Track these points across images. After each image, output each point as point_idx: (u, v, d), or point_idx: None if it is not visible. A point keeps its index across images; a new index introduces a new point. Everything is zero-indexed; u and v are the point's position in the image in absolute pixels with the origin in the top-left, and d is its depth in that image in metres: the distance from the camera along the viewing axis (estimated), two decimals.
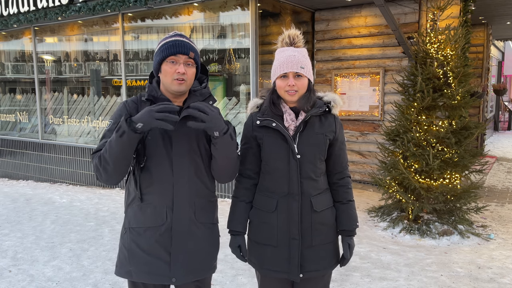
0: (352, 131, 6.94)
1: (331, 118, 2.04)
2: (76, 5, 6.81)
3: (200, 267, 2.00)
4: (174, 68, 1.89)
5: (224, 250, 2.17)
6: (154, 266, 1.93)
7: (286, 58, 1.95)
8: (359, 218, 5.24)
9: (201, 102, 1.88)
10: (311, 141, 1.99)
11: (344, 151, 2.10)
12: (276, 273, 2.04)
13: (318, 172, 2.02)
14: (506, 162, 9.04)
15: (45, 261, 4.08)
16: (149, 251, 1.93)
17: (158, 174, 1.92)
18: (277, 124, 1.98)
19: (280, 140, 1.99)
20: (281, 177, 1.99)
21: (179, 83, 1.89)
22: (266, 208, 2.03)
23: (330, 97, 2.05)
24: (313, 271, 2.03)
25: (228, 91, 6.85)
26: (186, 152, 1.95)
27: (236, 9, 6.18)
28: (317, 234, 2.02)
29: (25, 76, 9.30)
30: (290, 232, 1.99)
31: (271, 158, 2.01)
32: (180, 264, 1.94)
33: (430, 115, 4.80)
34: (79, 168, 7.98)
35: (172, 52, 1.88)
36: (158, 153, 1.92)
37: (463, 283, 3.50)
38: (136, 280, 1.98)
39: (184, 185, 1.93)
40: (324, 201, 2.04)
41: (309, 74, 1.99)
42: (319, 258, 2.03)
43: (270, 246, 2.03)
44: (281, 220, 2.00)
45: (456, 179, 4.70)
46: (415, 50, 4.99)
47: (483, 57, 9.69)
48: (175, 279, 1.94)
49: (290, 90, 1.95)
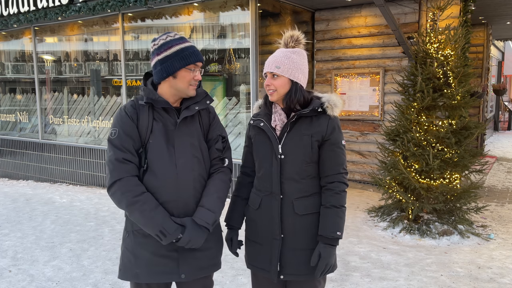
0: (352, 131, 6.94)
1: (323, 119, 1.97)
2: (76, 5, 6.81)
3: (207, 263, 2.05)
4: (193, 75, 1.97)
5: (224, 250, 2.18)
6: (163, 265, 1.96)
7: (268, 59, 2.03)
8: (359, 218, 5.26)
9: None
10: (296, 142, 1.96)
11: (338, 154, 1.98)
12: (259, 271, 2.08)
13: (303, 174, 1.97)
14: (506, 162, 9.04)
15: (45, 261, 4.08)
16: (156, 251, 1.95)
17: (163, 175, 1.94)
18: (264, 123, 2.03)
19: (267, 140, 2.02)
20: (265, 176, 2.03)
21: (193, 88, 2.00)
22: (253, 205, 2.08)
23: (326, 97, 2.01)
24: (292, 275, 2.00)
25: (228, 91, 6.85)
26: (188, 151, 1.98)
27: (236, 9, 6.18)
28: (299, 238, 1.99)
29: (25, 76, 9.30)
30: (272, 232, 2.01)
31: (258, 157, 2.07)
32: (189, 261, 1.98)
33: (430, 115, 4.80)
34: (79, 168, 7.98)
35: (194, 60, 1.97)
36: (161, 155, 1.94)
37: (463, 283, 3.50)
38: (143, 281, 1.98)
39: (189, 184, 1.97)
40: (309, 206, 1.98)
41: (287, 74, 1.96)
42: (299, 263, 1.99)
43: (257, 244, 2.08)
44: (264, 218, 2.03)
45: (456, 179, 4.70)
46: (415, 50, 4.99)
47: (483, 57, 9.68)
48: (184, 275, 1.98)
49: (268, 89, 2.01)
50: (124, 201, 1.87)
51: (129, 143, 1.92)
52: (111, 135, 1.95)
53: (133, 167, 1.92)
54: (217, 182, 2.04)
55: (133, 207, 1.86)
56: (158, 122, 1.97)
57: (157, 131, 1.95)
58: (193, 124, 2.04)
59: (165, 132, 1.96)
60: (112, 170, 1.89)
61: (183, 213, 1.96)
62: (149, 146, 1.94)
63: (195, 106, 2.02)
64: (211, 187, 2.02)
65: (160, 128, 1.96)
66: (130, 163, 1.91)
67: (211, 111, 2.14)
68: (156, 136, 1.94)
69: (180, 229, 1.90)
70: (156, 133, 1.95)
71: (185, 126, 2.00)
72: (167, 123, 1.98)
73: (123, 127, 1.93)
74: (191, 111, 2.00)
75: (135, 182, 1.90)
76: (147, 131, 1.95)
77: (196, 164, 2.00)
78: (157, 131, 1.95)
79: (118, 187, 1.88)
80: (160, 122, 1.97)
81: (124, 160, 1.90)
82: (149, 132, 1.95)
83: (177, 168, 1.94)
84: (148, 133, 1.95)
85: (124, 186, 1.87)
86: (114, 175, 1.88)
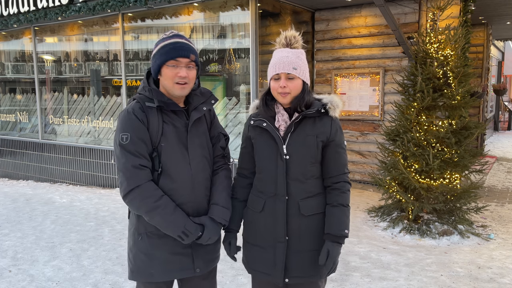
0: (352, 131, 6.94)
1: (327, 119, 1.98)
2: (76, 5, 6.81)
3: (215, 255, 2.12)
4: (175, 72, 1.86)
5: (224, 250, 2.18)
6: (179, 263, 1.99)
7: (279, 59, 1.95)
8: (359, 218, 5.25)
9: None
10: (301, 142, 1.95)
11: (342, 154, 2.00)
12: (262, 275, 2.04)
13: (308, 174, 1.97)
14: (506, 162, 9.04)
15: (45, 261, 4.08)
16: (172, 250, 1.97)
17: (179, 177, 1.94)
18: (267, 124, 1.98)
19: (270, 140, 1.98)
20: (269, 177, 1.99)
21: (181, 88, 1.88)
22: (255, 208, 2.04)
23: (328, 98, 2.01)
24: (298, 277, 1.98)
25: (228, 91, 6.85)
26: (200, 152, 2.00)
27: (236, 9, 6.18)
28: (305, 239, 1.98)
29: (25, 76, 9.30)
30: (276, 234, 1.97)
31: (261, 158, 2.02)
32: (202, 255, 2.02)
33: (430, 115, 4.80)
34: (79, 168, 7.98)
35: (173, 56, 1.86)
36: (176, 158, 1.94)
37: (463, 283, 3.50)
38: (158, 280, 2.00)
39: (202, 184, 2.01)
40: (314, 206, 1.98)
41: (302, 76, 1.96)
42: (305, 265, 1.98)
43: (258, 247, 2.04)
44: (268, 221, 2.00)
45: (456, 179, 4.70)
46: (415, 50, 4.99)
47: (483, 57, 9.69)
48: (199, 269, 2.02)
49: (282, 92, 1.93)
50: (143, 207, 1.86)
51: (143, 148, 1.88)
52: (122, 140, 1.87)
53: (148, 172, 1.90)
54: (223, 179, 2.08)
55: (155, 212, 1.86)
56: (168, 125, 1.94)
57: (169, 134, 1.93)
58: (201, 124, 2.04)
59: (176, 134, 1.94)
60: (128, 178, 1.85)
61: (197, 211, 1.98)
62: (162, 149, 1.92)
63: (203, 107, 2.00)
64: (219, 185, 2.05)
65: (171, 131, 1.94)
66: (146, 169, 1.89)
67: (211, 109, 2.14)
68: (168, 139, 1.92)
69: (200, 228, 1.93)
70: (167, 136, 1.92)
71: (195, 127, 2.00)
72: (177, 125, 1.95)
73: (135, 131, 1.87)
74: (200, 112, 1.99)
75: (153, 187, 1.89)
76: (158, 134, 1.91)
77: (207, 164, 2.03)
78: (168, 134, 1.92)
79: (137, 193, 1.85)
80: (170, 124, 1.94)
81: (140, 167, 1.86)
82: (160, 135, 1.92)
83: (192, 169, 1.96)
84: (159, 136, 1.91)
85: (144, 193, 1.85)
86: (131, 182, 1.85)
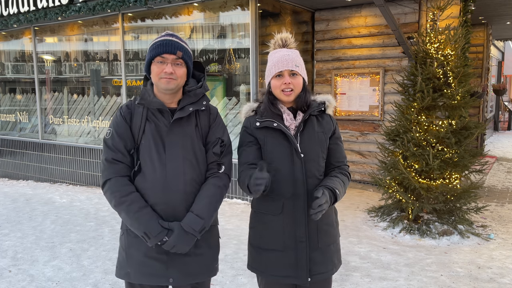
0: (352, 131, 6.94)
1: (327, 117, 2.07)
2: (76, 5, 6.81)
3: (198, 270, 1.99)
4: (162, 68, 1.89)
5: (224, 250, 2.17)
6: (152, 267, 1.93)
7: (281, 57, 1.96)
8: (359, 218, 5.26)
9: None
10: (313, 139, 1.98)
11: (341, 147, 2.10)
12: (283, 279, 1.98)
13: (321, 170, 2.02)
14: (506, 162, 9.04)
15: (45, 261, 4.08)
16: (147, 252, 1.93)
17: (151, 177, 1.92)
18: (278, 124, 1.95)
19: (282, 140, 1.96)
20: (285, 177, 1.94)
21: (166, 81, 1.88)
22: (271, 211, 1.97)
23: (323, 97, 2.07)
24: (320, 274, 1.98)
25: (228, 91, 6.85)
26: (180, 154, 1.93)
27: (236, 9, 6.18)
28: (322, 235, 1.98)
29: (25, 76, 9.30)
30: (296, 235, 1.94)
31: (275, 158, 1.96)
32: (178, 265, 1.93)
33: (430, 115, 4.80)
34: (79, 168, 7.98)
35: (159, 52, 1.88)
36: (151, 157, 1.92)
37: (463, 283, 3.50)
38: (134, 281, 1.98)
39: (179, 187, 1.92)
40: None
41: (303, 74, 2.01)
42: (325, 260, 1.99)
43: (275, 251, 1.97)
44: (287, 222, 1.95)
45: (456, 179, 4.70)
46: (415, 50, 4.99)
47: (483, 57, 9.69)
48: (172, 279, 1.94)
49: (286, 88, 1.94)
50: (112, 201, 1.91)
51: (120, 144, 1.93)
52: (106, 135, 1.98)
53: (123, 167, 1.93)
54: (210, 187, 1.96)
55: (120, 207, 1.88)
56: (150, 123, 1.94)
57: (149, 132, 1.92)
58: (188, 125, 1.96)
59: (157, 133, 1.92)
60: (103, 170, 1.94)
61: (172, 216, 1.91)
62: (141, 147, 1.93)
63: (189, 107, 1.95)
64: (202, 192, 1.95)
65: (152, 129, 1.93)
66: (120, 163, 1.92)
67: (212, 112, 2.05)
68: (147, 137, 1.92)
69: (165, 232, 1.86)
70: (147, 134, 1.92)
71: (179, 127, 1.94)
72: (159, 124, 1.93)
73: (116, 127, 1.95)
74: (184, 112, 1.93)
75: (123, 182, 1.91)
76: (139, 132, 1.94)
77: (189, 168, 1.93)
78: (148, 132, 1.92)
79: (108, 187, 1.91)
80: (152, 123, 1.93)
81: (113, 161, 1.92)
82: (141, 133, 1.94)
83: (167, 170, 1.90)
84: (141, 133, 1.94)
85: (113, 186, 1.90)
86: (104, 174, 1.93)
